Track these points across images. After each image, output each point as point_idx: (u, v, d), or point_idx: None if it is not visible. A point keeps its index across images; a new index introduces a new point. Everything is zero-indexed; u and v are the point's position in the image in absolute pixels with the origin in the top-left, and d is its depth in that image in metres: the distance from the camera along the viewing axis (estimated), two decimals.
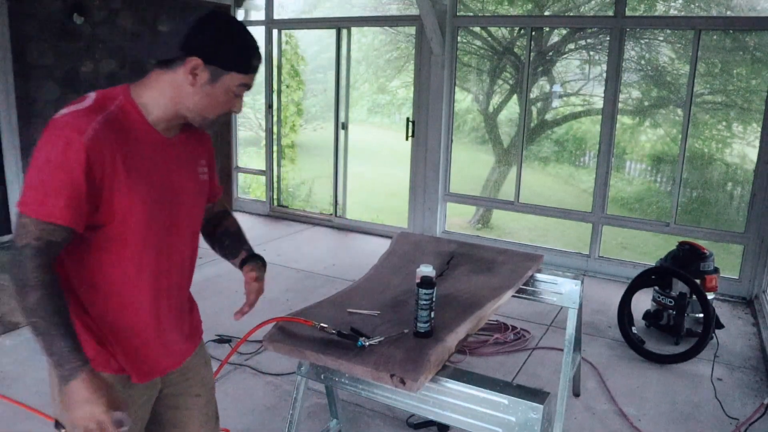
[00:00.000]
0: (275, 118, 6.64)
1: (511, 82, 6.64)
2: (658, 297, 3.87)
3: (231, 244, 1.69)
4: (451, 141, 5.74)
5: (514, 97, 6.62)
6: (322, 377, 1.99)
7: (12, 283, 1.25)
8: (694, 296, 3.66)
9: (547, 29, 5.96)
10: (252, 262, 1.64)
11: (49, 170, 1.22)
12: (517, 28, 6.05)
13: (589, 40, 6.05)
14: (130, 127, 1.33)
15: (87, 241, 1.33)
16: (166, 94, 1.34)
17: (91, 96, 1.33)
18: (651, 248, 6.50)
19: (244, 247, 1.68)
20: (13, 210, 5.25)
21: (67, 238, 1.27)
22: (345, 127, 6.26)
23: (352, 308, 2.07)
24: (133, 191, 1.31)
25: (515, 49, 6.21)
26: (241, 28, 1.34)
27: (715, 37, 4.91)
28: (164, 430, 1.63)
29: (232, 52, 1.31)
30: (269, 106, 6.61)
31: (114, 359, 1.39)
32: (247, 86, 1.36)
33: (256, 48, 1.36)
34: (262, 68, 7.12)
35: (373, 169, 9.87)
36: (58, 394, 1.36)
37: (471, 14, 6.10)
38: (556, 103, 6.68)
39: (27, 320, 1.24)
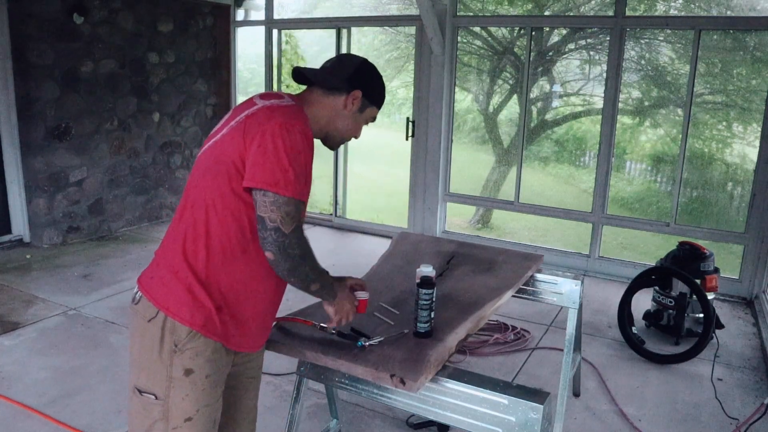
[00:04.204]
0: None
1: (511, 82, 6.64)
2: (658, 297, 3.87)
3: None
4: (451, 141, 5.74)
5: (514, 97, 6.61)
6: (322, 377, 1.99)
7: (292, 261, 1.47)
8: (694, 296, 3.66)
9: (547, 29, 5.96)
10: (334, 279, 1.91)
11: (295, 155, 1.45)
12: (517, 28, 6.04)
13: (589, 40, 6.05)
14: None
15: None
16: (325, 112, 1.66)
17: (285, 96, 1.60)
18: (651, 248, 6.50)
19: None
20: (14, 209, 5.25)
21: None
22: None
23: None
24: (307, 182, 1.54)
25: (515, 49, 6.21)
26: (381, 76, 1.73)
27: (715, 37, 4.91)
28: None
29: (379, 92, 1.73)
30: None
31: (222, 326, 1.53)
32: (374, 119, 1.76)
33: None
34: (261, 68, 7.12)
35: (373, 169, 9.87)
36: (155, 360, 1.49)
37: (471, 14, 6.10)
38: (556, 103, 6.67)
39: (309, 278, 1.55)
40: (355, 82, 1.65)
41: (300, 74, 1.69)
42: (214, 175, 1.49)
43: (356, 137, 1.76)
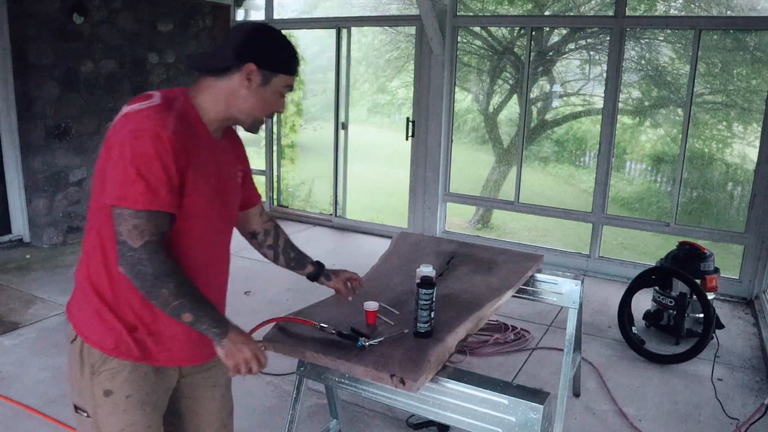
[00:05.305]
0: (275, 118, 6.64)
1: (511, 82, 6.64)
2: (659, 297, 3.87)
3: (297, 256, 1.92)
4: (451, 141, 5.74)
5: (514, 97, 6.62)
6: (322, 377, 1.99)
7: (143, 280, 1.34)
8: (694, 296, 3.65)
9: (547, 29, 5.96)
10: (329, 272, 1.97)
11: (144, 163, 1.31)
12: (517, 28, 6.05)
13: (589, 40, 6.05)
14: (193, 125, 1.44)
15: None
16: (221, 98, 1.47)
17: (157, 95, 1.43)
18: (651, 248, 6.50)
19: (308, 260, 1.94)
20: (14, 209, 5.25)
21: (170, 226, 1.38)
22: (345, 127, 6.26)
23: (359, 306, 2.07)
24: (195, 184, 1.42)
25: (515, 49, 6.21)
26: (283, 36, 1.51)
27: (715, 37, 4.91)
28: (181, 420, 1.69)
29: (280, 57, 1.49)
30: None
31: (137, 346, 1.46)
32: (291, 87, 1.54)
33: (297, 52, 1.54)
34: None
35: (373, 169, 9.87)
36: (79, 380, 1.48)
37: (471, 14, 6.10)
38: (556, 103, 6.67)
39: (171, 304, 1.37)
40: (245, 55, 1.43)
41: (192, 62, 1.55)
42: (97, 195, 1.42)
43: (279, 112, 1.57)
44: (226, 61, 1.45)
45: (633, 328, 3.71)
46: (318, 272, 1.95)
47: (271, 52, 1.47)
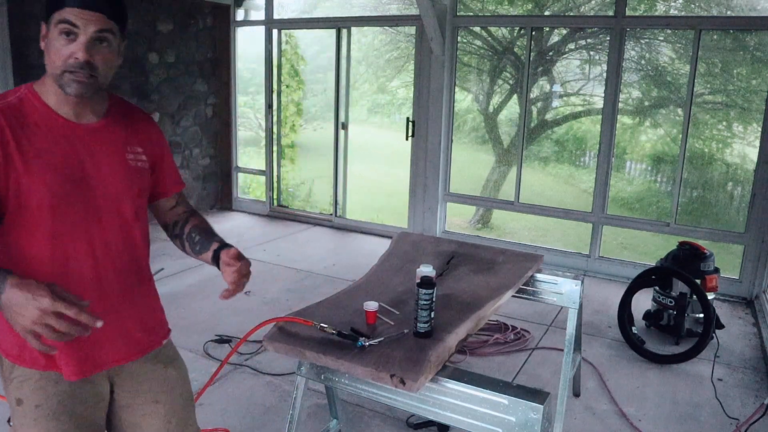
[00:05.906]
0: (275, 118, 6.64)
1: (511, 82, 6.64)
2: (659, 297, 3.87)
3: (201, 238, 1.62)
4: (451, 141, 5.74)
5: (514, 97, 6.62)
6: (322, 377, 1.99)
7: None
8: (694, 296, 3.66)
9: (547, 29, 5.96)
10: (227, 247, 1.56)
11: None
12: (517, 28, 6.04)
13: (589, 40, 6.05)
14: (30, 114, 1.36)
15: (2, 227, 1.36)
16: (47, 71, 1.37)
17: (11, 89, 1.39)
18: (651, 248, 6.50)
19: (216, 239, 1.60)
20: None
21: None
22: (345, 127, 6.26)
23: (358, 307, 2.07)
24: (32, 174, 1.33)
25: (515, 49, 6.21)
26: None
27: (715, 36, 4.91)
28: None
29: None
30: (269, 106, 6.61)
31: (42, 355, 1.37)
32: (69, 23, 1.29)
33: None
34: (261, 68, 7.09)
35: (373, 169, 9.88)
36: (3, 390, 1.43)
37: (471, 14, 6.10)
38: (556, 103, 6.67)
39: None
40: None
41: None
42: None
43: (76, 57, 1.31)
44: None
45: (633, 328, 3.71)
46: (219, 249, 1.57)
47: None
